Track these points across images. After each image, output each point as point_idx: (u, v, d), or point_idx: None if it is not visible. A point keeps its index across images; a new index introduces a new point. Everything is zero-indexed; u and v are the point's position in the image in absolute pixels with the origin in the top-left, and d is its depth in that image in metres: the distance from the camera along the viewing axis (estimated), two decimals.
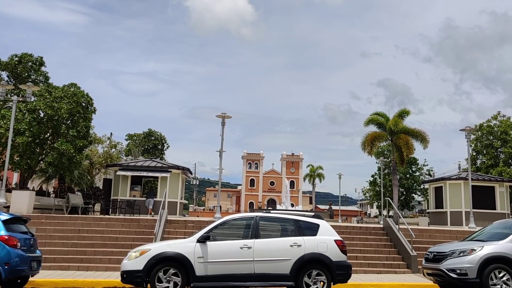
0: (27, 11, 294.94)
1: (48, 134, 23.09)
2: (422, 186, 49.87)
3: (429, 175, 51.15)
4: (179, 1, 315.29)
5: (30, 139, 21.63)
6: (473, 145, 38.66)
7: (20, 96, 23.12)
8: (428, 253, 11.44)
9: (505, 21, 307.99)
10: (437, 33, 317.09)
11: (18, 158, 22.81)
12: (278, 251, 9.46)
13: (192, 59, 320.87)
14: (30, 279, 10.33)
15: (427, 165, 52.75)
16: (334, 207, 44.83)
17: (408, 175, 49.67)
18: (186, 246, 9.36)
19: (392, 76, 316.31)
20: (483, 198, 25.22)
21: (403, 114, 30.47)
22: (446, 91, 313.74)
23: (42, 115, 22.48)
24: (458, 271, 10.23)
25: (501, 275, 10.08)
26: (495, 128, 38.78)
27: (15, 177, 33.22)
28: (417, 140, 29.60)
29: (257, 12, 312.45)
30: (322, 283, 9.41)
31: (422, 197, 52.30)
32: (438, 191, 27.13)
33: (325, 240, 9.78)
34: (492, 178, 27.23)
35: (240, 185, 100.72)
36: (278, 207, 59.20)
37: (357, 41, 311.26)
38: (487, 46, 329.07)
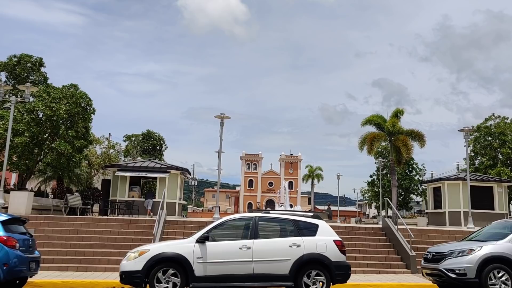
0: (25, 12, 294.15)
1: (46, 134, 23.07)
2: (419, 186, 49.94)
3: (424, 172, 51.36)
4: (169, 1, 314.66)
5: (29, 139, 21.60)
6: (471, 145, 38.80)
7: (19, 96, 23.09)
8: (427, 253, 11.45)
9: (500, 20, 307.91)
10: (433, 32, 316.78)
11: (17, 159, 22.78)
12: (277, 252, 9.46)
13: (190, 60, 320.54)
14: (29, 280, 10.30)
15: (424, 167, 52.85)
16: (332, 208, 44.78)
17: (405, 175, 49.73)
18: (185, 246, 9.35)
19: (388, 76, 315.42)
20: (481, 199, 25.27)
21: (398, 114, 30.54)
22: (442, 91, 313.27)
23: (40, 115, 22.47)
24: (457, 271, 10.25)
25: (500, 275, 10.10)
26: (493, 129, 38.99)
27: (14, 178, 33.21)
28: (415, 141, 29.67)
29: (250, 11, 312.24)
30: (321, 283, 9.41)
31: (421, 197, 52.38)
32: (437, 192, 27.18)
33: (324, 240, 9.78)
34: (490, 179, 27.31)
35: (239, 185, 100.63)
36: (277, 207, 59.12)
37: (352, 42, 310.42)
38: (483, 45, 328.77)
